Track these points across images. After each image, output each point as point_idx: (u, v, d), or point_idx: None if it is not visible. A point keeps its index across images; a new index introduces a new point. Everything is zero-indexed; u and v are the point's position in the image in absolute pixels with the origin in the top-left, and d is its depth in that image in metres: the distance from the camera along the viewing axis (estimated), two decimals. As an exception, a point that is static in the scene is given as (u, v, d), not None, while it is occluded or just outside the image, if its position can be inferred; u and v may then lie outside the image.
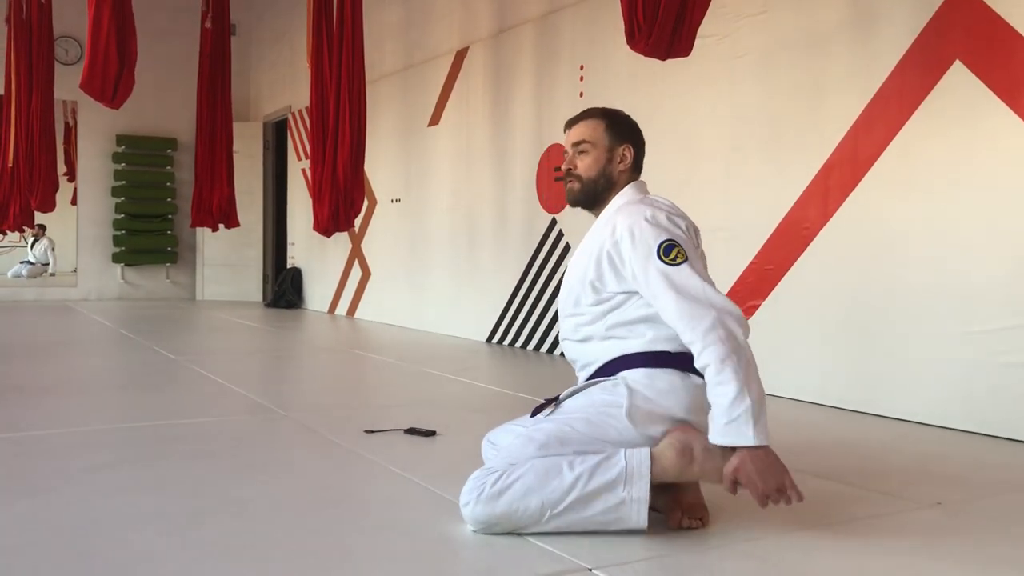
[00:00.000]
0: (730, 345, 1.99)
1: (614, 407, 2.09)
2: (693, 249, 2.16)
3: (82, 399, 3.95)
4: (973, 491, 2.57)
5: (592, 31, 5.29)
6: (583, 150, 2.33)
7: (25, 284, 11.13)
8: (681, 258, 2.09)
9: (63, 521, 2.15)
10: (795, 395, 4.01)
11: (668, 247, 2.11)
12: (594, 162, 2.32)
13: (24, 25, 7.94)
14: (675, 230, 2.16)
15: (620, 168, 2.33)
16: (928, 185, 3.49)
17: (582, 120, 2.37)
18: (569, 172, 2.37)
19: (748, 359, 2.02)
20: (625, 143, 2.34)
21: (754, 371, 2.02)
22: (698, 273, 2.10)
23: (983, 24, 3.29)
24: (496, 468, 2.05)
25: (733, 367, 1.98)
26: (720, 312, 2.02)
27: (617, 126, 2.35)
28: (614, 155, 2.32)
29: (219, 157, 7.99)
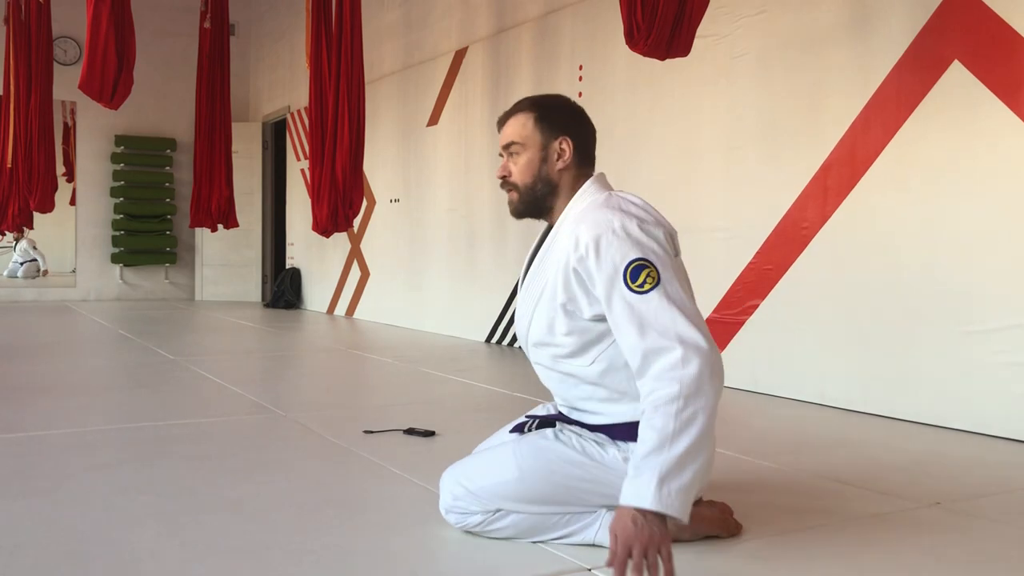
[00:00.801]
0: (682, 388, 1.68)
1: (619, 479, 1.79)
2: (669, 264, 1.83)
3: (81, 399, 3.95)
4: (972, 490, 2.57)
5: (591, 31, 5.29)
6: (514, 152, 2.03)
7: (24, 284, 11.12)
8: (651, 284, 1.77)
9: (62, 521, 2.15)
10: (794, 395, 4.01)
11: (636, 269, 1.79)
12: (527, 165, 2.01)
13: (23, 25, 7.93)
14: (648, 243, 1.82)
15: (559, 166, 2.01)
16: (927, 185, 3.49)
17: (511, 117, 2.05)
18: (504, 180, 2.05)
19: (696, 411, 1.67)
20: (560, 136, 2.01)
21: (698, 427, 1.67)
22: (671, 299, 1.77)
23: (982, 24, 3.30)
24: (474, 506, 1.99)
25: (670, 413, 1.67)
26: (687, 351, 1.70)
27: (548, 117, 2.02)
28: (549, 152, 2.00)
29: (218, 157, 7.98)
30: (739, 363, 4.28)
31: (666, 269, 1.81)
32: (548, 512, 1.98)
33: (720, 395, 1.73)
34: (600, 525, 1.98)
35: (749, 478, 2.64)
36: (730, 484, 2.51)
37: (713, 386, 1.70)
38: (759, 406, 3.94)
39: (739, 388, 4.26)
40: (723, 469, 2.65)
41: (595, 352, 1.93)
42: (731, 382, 4.31)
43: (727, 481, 2.53)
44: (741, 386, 4.26)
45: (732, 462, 2.82)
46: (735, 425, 3.61)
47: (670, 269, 1.82)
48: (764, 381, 4.17)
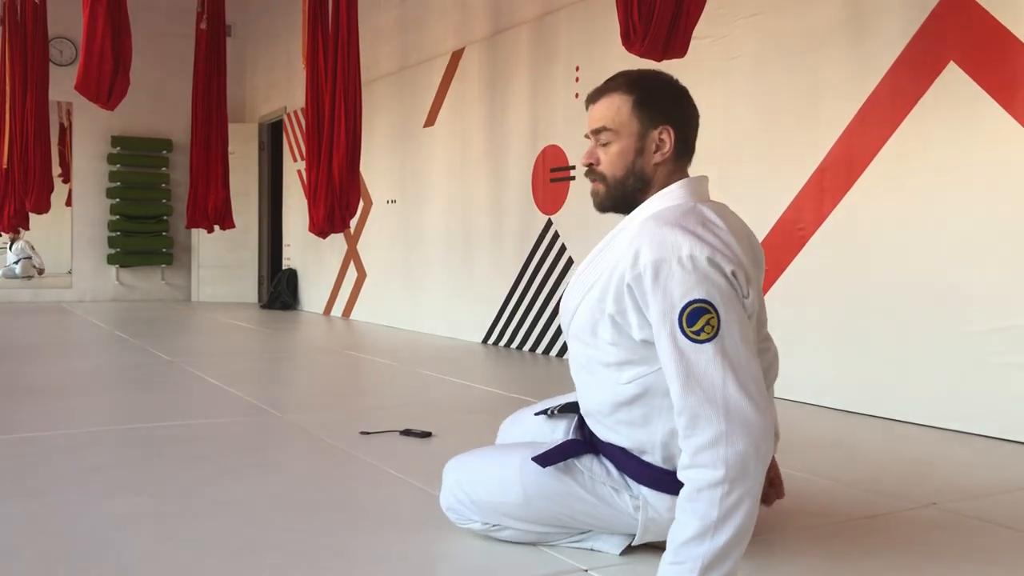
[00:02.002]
0: (727, 472, 1.52)
1: (628, 521, 1.84)
2: (734, 307, 1.60)
3: (77, 400, 3.94)
4: (969, 491, 2.57)
5: (588, 32, 5.29)
6: (604, 139, 1.81)
7: (20, 285, 11.10)
8: (708, 333, 1.56)
9: (58, 522, 2.15)
10: (790, 396, 4.02)
11: (695, 313, 1.57)
12: (619, 156, 1.79)
13: (19, 26, 7.92)
14: (716, 278, 1.60)
15: (656, 159, 1.80)
16: (923, 186, 3.50)
17: (604, 96, 1.82)
18: (590, 169, 1.84)
19: (742, 496, 1.51)
20: (661, 125, 1.78)
21: (743, 514, 1.52)
22: (726, 355, 1.56)
23: (977, 25, 3.30)
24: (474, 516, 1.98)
25: (711, 500, 1.52)
26: (732, 425, 1.52)
27: (650, 102, 1.78)
28: (646, 143, 1.78)
29: (214, 158, 7.98)
30: (736, 364, 4.28)
31: (729, 314, 1.59)
32: (548, 531, 1.96)
33: (765, 467, 1.55)
34: (602, 537, 1.96)
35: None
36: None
37: (759, 466, 1.53)
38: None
39: (736, 389, 4.26)
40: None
41: (633, 373, 1.75)
42: (728, 383, 4.31)
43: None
44: (738, 387, 4.25)
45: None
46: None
47: (734, 314, 1.60)
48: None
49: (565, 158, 5.48)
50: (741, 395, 1.54)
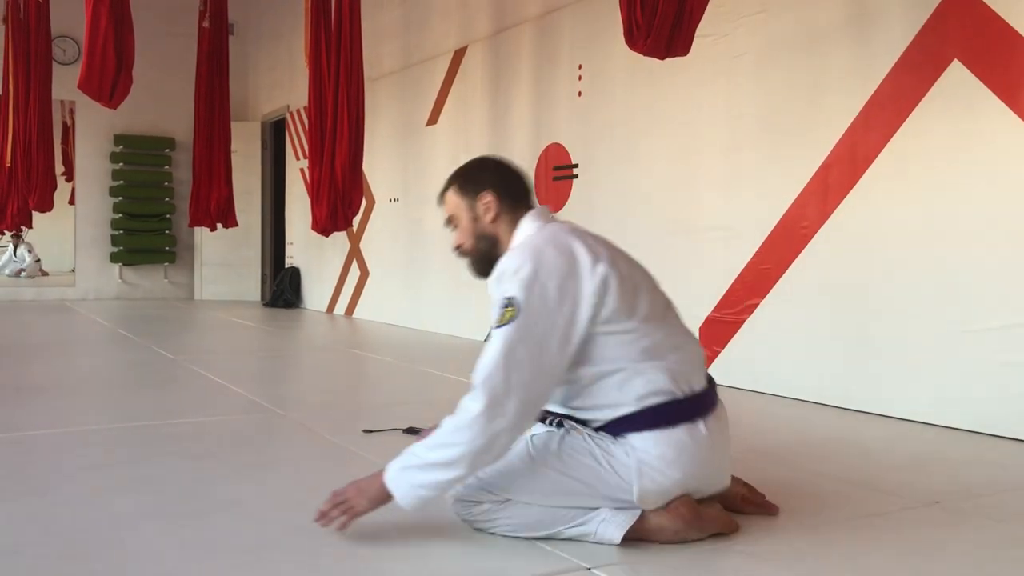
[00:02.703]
0: (460, 419, 1.91)
1: (625, 479, 1.97)
2: (539, 316, 1.92)
3: (80, 399, 3.95)
4: (972, 490, 2.57)
5: (590, 31, 5.29)
6: (454, 226, 2.23)
7: (23, 284, 11.12)
8: (503, 322, 1.94)
9: (61, 520, 2.15)
10: (794, 394, 4.01)
11: (504, 305, 1.96)
12: (465, 231, 2.20)
13: (22, 25, 7.93)
14: (532, 290, 1.94)
15: (488, 219, 2.16)
16: (926, 184, 3.49)
17: (441, 196, 2.27)
18: (458, 250, 2.25)
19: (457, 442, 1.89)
20: (480, 192, 2.16)
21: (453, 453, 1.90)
22: (509, 344, 1.91)
23: (981, 23, 3.30)
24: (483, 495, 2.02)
25: (445, 430, 1.93)
26: (482, 390, 1.90)
27: (465, 183, 2.21)
28: (477, 213, 2.17)
29: (217, 157, 7.98)
30: (738, 362, 4.28)
31: (530, 318, 1.92)
32: (554, 505, 1.99)
33: (494, 443, 1.89)
34: (603, 519, 1.99)
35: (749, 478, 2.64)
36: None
37: (484, 432, 1.88)
38: (758, 405, 3.94)
39: (738, 387, 4.26)
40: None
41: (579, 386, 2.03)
42: (730, 381, 4.31)
43: (727, 480, 2.53)
44: (740, 385, 4.25)
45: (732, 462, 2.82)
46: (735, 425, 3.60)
47: (531, 321, 1.92)
48: (763, 380, 4.17)
49: (568, 156, 5.47)
50: (499, 374, 1.90)
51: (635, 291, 2.03)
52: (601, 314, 1.97)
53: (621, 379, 1.99)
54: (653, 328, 2.03)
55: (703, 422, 2.03)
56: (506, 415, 1.89)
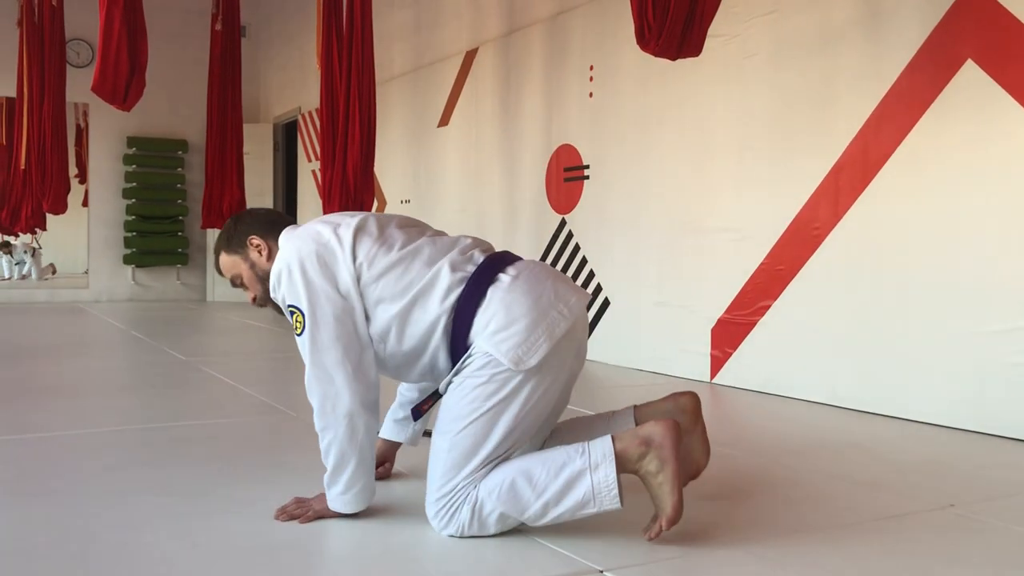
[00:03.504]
0: (317, 423, 2.09)
1: (497, 373, 1.99)
2: (319, 300, 2.07)
3: (93, 400, 3.97)
4: (986, 492, 2.55)
5: (602, 31, 5.28)
6: (241, 284, 2.34)
7: (37, 286, 11.18)
8: (299, 327, 2.08)
9: (74, 522, 2.16)
10: (806, 396, 4.00)
11: (290, 313, 2.11)
12: (252, 282, 2.31)
13: (36, 28, 7.98)
14: (299, 287, 2.09)
15: (264, 258, 2.28)
16: (939, 185, 3.47)
17: (217, 266, 2.39)
18: (255, 302, 2.37)
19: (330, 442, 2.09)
20: (246, 244, 2.29)
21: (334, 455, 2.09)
22: (314, 340, 2.06)
23: (995, 22, 3.28)
24: (448, 496, 2.01)
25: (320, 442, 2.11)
26: (311, 390, 2.08)
27: (230, 242, 2.32)
28: (253, 262, 2.29)
29: (229, 159, 8.01)
30: (751, 364, 4.27)
31: (312, 310, 2.06)
32: (505, 450, 2.00)
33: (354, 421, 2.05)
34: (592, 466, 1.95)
35: (761, 479, 2.63)
36: (741, 485, 2.50)
37: (337, 420, 2.05)
38: (771, 407, 3.93)
39: (751, 389, 4.24)
40: (734, 470, 2.64)
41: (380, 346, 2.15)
42: (743, 383, 4.30)
43: (738, 482, 2.52)
44: (753, 387, 4.24)
45: (743, 463, 2.81)
46: (746, 426, 3.60)
47: (319, 309, 2.06)
48: (776, 382, 4.15)
49: (579, 157, 5.47)
50: (317, 369, 2.06)
51: (383, 229, 2.16)
52: (362, 268, 2.08)
53: (419, 303, 2.07)
54: (417, 248, 2.13)
55: (503, 273, 2.08)
56: (342, 397, 2.05)
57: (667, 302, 4.73)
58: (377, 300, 2.09)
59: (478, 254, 2.15)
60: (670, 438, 1.97)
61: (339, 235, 2.12)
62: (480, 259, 2.13)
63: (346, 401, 2.05)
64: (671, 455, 1.96)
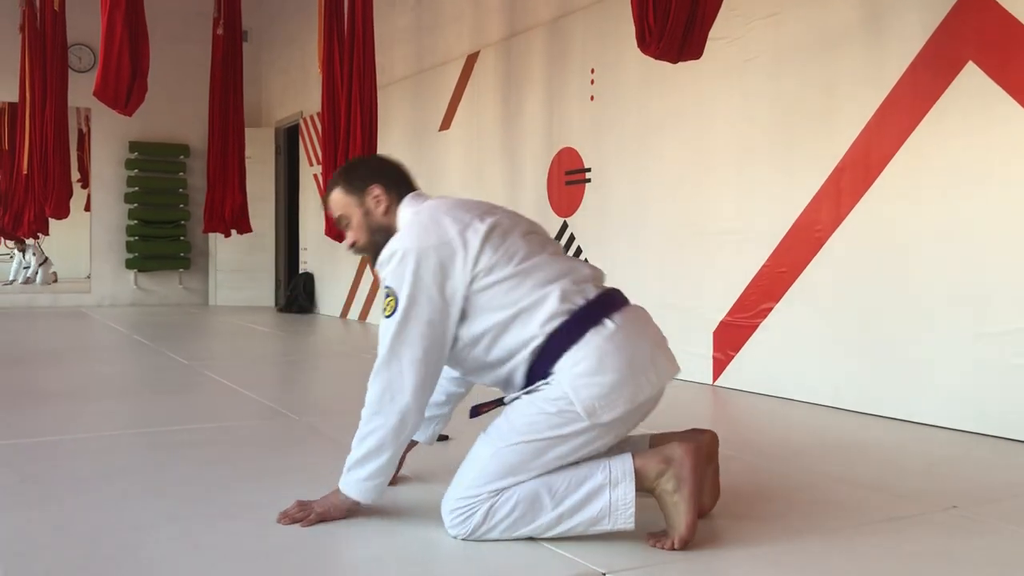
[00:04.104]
0: (369, 407, 2.09)
1: (566, 404, 1.98)
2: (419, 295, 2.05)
3: (96, 404, 3.97)
4: (989, 494, 2.55)
5: (603, 35, 5.29)
6: (344, 224, 2.30)
7: (39, 290, 11.20)
8: (389, 311, 2.08)
9: (77, 526, 2.16)
10: (808, 398, 4.00)
11: (385, 295, 2.10)
12: (359, 228, 2.27)
13: (38, 33, 8.00)
14: (406, 274, 2.06)
15: (380, 211, 2.25)
16: (941, 187, 3.48)
17: (327, 196, 2.33)
18: (353, 247, 2.32)
19: (374, 428, 2.08)
20: (368, 187, 2.25)
21: (375, 440, 2.09)
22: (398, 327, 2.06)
23: (996, 25, 3.28)
24: (470, 501, 2.01)
25: (362, 420, 2.10)
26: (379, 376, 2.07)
27: (352, 180, 2.28)
28: (367, 207, 2.25)
29: (231, 163, 8.02)
30: (753, 366, 4.27)
31: (409, 301, 2.05)
32: (539, 473, 2.00)
33: (404, 419, 2.06)
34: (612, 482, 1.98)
35: (763, 481, 2.63)
36: (743, 487, 2.50)
37: (391, 411, 2.06)
38: (773, 409, 3.93)
39: (753, 391, 4.24)
40: (737, 472, 2.64)
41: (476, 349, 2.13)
42: (745, 385, 4.29)
43: (741, 484, 2.52)
44: (755, 389, 4.24)
45: (746, 465, 2.81)
46: (748, 428, 3.60)
47: (416, 304, 2.05)
48: (778, 384, 4.15)
49: (580, 160, 5.47)
50: (392, 358, 2.06)
51: (505, 237, 2.11)
52: (479, 275, 2.05)
53: (521, 319, 2.05)
54: (535, 265, 2.09)
55: (608, 319, 2.05)
56: (405, 393, 2.05)
57: (669, 305, 4.73)
58: (482, 307, 2.07)
59: (591, 288, 2.11)
60: (690, 459, 2.00)
61: (466, 239, 2.08)
62: (591, 295, 2.09)
63: (408, 399, 2.06)
64: (689, 476, 1.98)
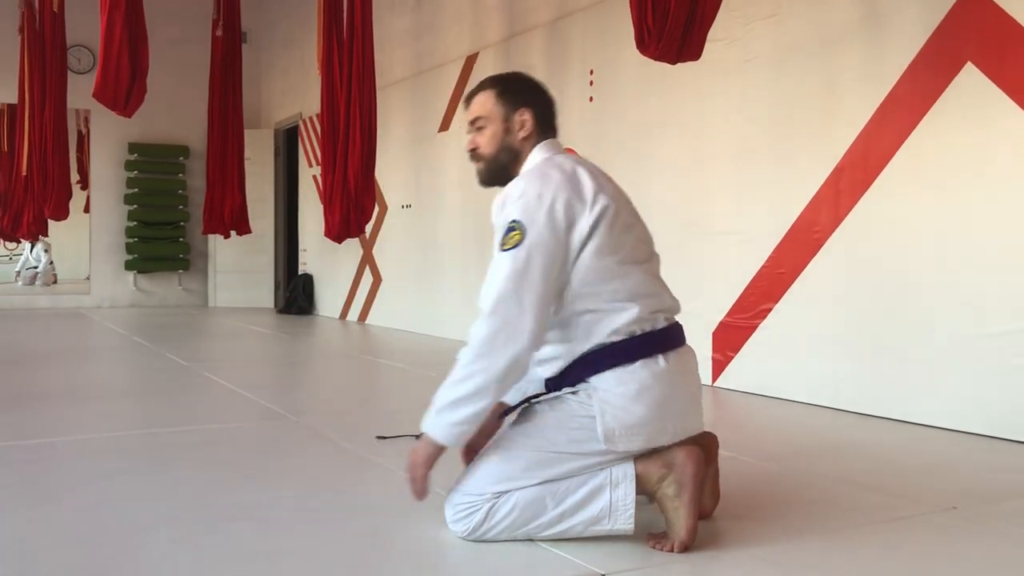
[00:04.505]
0: (474, 347, 1.97)
1: (590, 421, 1.98)
2: (544, 240, 1.95)
3: (95, 406, 3.97)
4: (989, 494, 2.55)
5: (602, 36, 5.29)
6: (480, 127, 2.20)
7: (39, 292, 11.20)
8: (509, 245, 1.96)
9: (75, 528, 2.16)
10: (808, 399, 3.99)
11: (510, 228, 1.97)
12: (491, 137, 2.17)
13: (37, 35, 8.00)
14: (539, 214, 1.96)
15: (521, 135, 2.16)
16: (940, 187, 3.48)
17: (475, 95, 2.22)
18: (472, 152, 2.22)
19: (476, 370, 1.95)
20: (521, 107, 2.16)
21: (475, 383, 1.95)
22: (515, 265, 1.93)
23: (995, 25, 3.28)
24: (473, 499, 2.00)
25: (462, 363, 1.99)
26: (495, 313, 1.95)
27: (509, 92, 2.18)
28: (511, 124, 2.16)
29: (230, 164, 8.02)
30: (752, 367, 4.27)
31: (537, 238, 1.95)
32: (544, 480, 1.99)
33: (515, 365, 1.93)
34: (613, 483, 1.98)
35: (763, 482, 2.63)
36: (743, 488, 2.50)
37: (502, 354, 1.93)
38: (772, 410, 3.93)
39: (752, 392, 4.24)
40: (737, 473, 2.64)
41: None
42: (745, 386, 4.29)
43: (741, 485, 2.52)
44: (754, 390, 4.24)
45: (746, 466, 2.81)
46: (748, 429, 3.60)
47: (537, 241, 1.95)
48: (777, 385, 4.15)
49: (580, 162, 5.47)
50: (511, 295, 1.93)
51: (624, 231, 2.05)
52: (588, 245, 1.99)
53: (591, 317, 2.01)
54: (628, 273, 2.03)
55: (662, 356, 2.02)
56: (522, 336, 1.93)
57: (668, 306, 4.73)
58: (570, 281, 2.00)
59: (662, 321, 2.06)
60: (692, 463, 2.00)
61: (598, 201, 2.01)
62: (660, 327, 2.05)
63: (524, 343, 1.93)
64: (691, 481, 1.98)
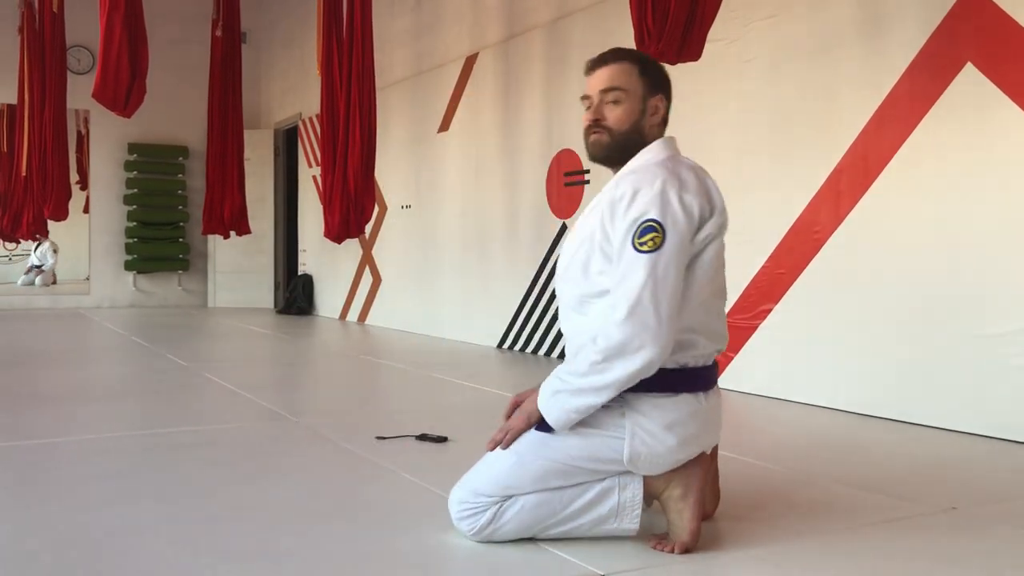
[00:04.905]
0: (609, 348, 1.87)
1: (616, 441, 1.96)
2: (679, 241, 1.88)
3: (95, 406, 3.96)
4: (988, 495, 2.55)
5: (601, 36, 5.28)
6: (615, 99, 2.04)
7: (38, 292, 11.19)
8: (650, 247, 1.86)
9: (75, 528, 2.16)
10: (807, 399, 3.99)
11: (647, 228, 1.88)
12: (626, 114, 2.03)
13: (37, 35, 8.00)
14: (676, 211, 1.89)
15: (653, 122, 2.07)
16: (940, 188, 3.48)
17: (613, 62, 2.06)
18: (597, 123, 2.06)
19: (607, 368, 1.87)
20: (659, 93, 2.07)
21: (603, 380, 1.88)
22: (655, 270, 1.85)
23: (994, 26, 3.28)
24: (482, 500, 2.00)
25: (593, 359, 1.89)
26: (631, 318, 1.85)
27: (650, 73, 2.07)
28: (648, 107, 2.05)
29: (230, 164, 8.02)
30: (752, 367, 4.27)
31: (673, 239, 1.88)
32: (555, 487, 1.99)
33: (644, 369, 1.86)
34: (621, 485, 1.99)
35: (763, 483, 2.63)
36: (744, 489, 2.50)
37: (633, 361, 1.85)
38: (772, 411, 3.93)
39: (752, 393, 4.24)
40: (737, 473, 2.64)
41: None
42: (744, 386, 4.29)
43: (741, 486, 2.52)
44: (754, 391, 4.24)
45: (746, 467, 2.81)
46: (748, 429, 3.60)
47: (676, 241, 1.88)
48: (777, 386, 4.15)
49: (579, 162, 5.47)
50: (650, 301, 1.85)
51: (716, 258, 1.99)
52: (703, 254, 1.95)
53: None
54: (704, 303, 1.99)
55: (704, 395, 2.02)
56: (656, 344, 1.86)
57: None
58: None
59: (712, 357, 2.06)
60: (698, 466, 2.00)
61: (720, 217, 1.99)
62: (707, 363, 2.04)
63: (657, 352, 1.86)
64: (696, 484, 1.99)
